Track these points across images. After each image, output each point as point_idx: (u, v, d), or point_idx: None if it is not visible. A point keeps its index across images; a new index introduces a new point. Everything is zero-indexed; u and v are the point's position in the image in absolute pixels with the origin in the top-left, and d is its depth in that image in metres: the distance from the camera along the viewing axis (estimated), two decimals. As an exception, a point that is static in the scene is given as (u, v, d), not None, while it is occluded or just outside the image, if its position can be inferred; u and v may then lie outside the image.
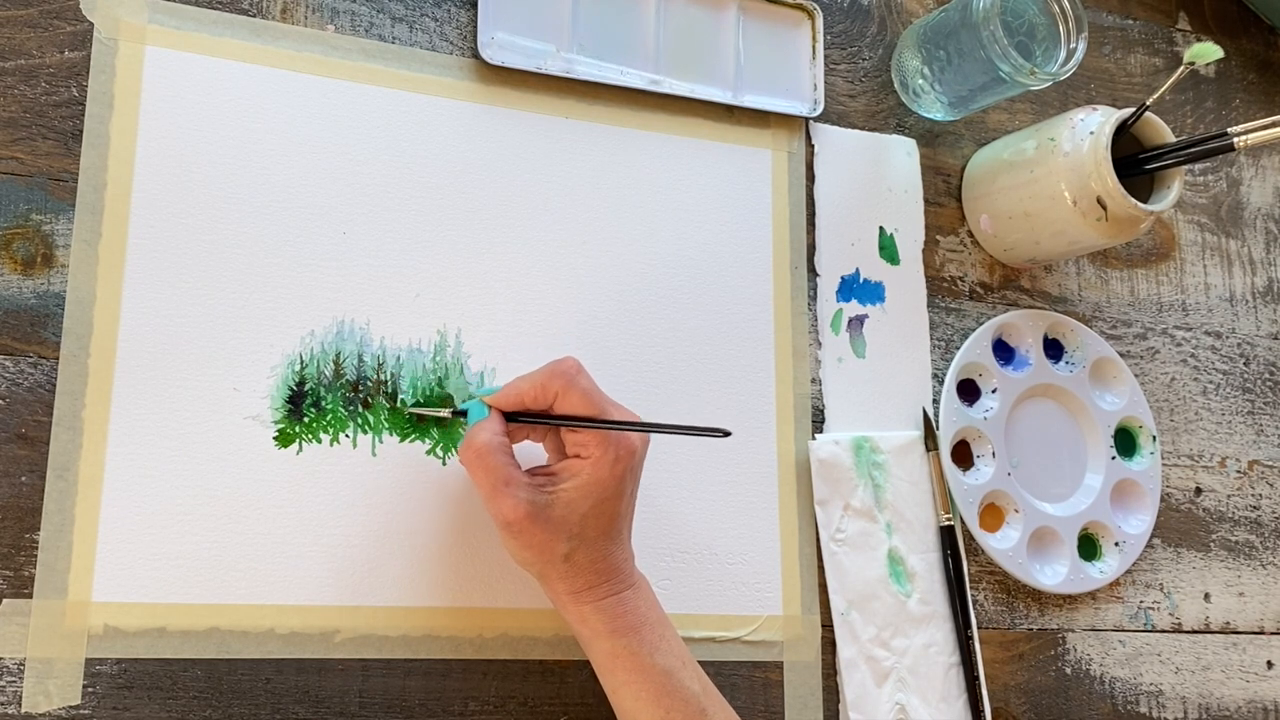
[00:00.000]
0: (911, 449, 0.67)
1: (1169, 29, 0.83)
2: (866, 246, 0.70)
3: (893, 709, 0.63)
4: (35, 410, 0.53)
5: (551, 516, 0.51)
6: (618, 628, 0.52)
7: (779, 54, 0.69)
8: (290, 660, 0.54)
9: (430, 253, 0.60)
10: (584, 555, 0.52)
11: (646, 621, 0.53)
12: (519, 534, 0.51)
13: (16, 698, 0.50)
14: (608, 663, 0.53)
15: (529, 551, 0.52)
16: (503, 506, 0.51)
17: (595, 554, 0.52)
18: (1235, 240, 0.82)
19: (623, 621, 0.52)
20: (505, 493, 0.51)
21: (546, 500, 0.51)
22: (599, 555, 0.52)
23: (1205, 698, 0.73)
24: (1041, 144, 0.67)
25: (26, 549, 0.51)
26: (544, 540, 0.51)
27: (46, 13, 0.55)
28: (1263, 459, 0.79)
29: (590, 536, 0.52)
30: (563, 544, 0.51)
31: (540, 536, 0.51)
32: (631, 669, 0.52)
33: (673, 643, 0.53)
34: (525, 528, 0.51)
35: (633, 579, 0.54)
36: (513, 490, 0.51)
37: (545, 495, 0.52)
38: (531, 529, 0.51)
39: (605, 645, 0.52)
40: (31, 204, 0.54)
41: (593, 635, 0.53)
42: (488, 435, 0.52)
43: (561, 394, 0.53)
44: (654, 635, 0.53)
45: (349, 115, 0.60)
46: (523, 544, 0.52)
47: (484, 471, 0.52)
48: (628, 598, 0.53)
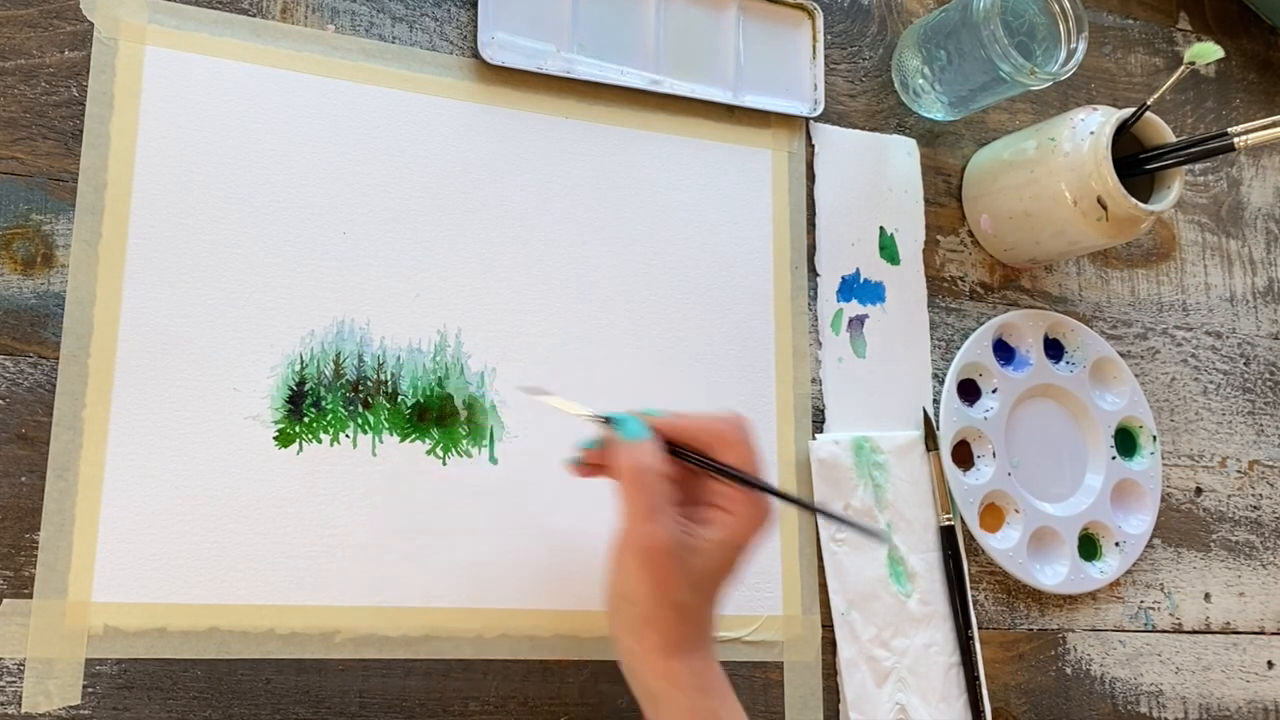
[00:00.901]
0: (912, 449, 0.67)
1: (1169, 29, 0.83)
2: (867, 246, 0.70)
3: (893, 709, 0.63)
4: (35, 410, 0.53)
5: (686, 560, 0.49)
6: (706, 688, 0.50)
7: (779, 54, 0.69)
8: (290, 660, 0.54)
9: (430, 253, 0.60)
10: (694, 609, 0.50)
11: (726, 687, 0.51)
12: (651, 565, 0.49)
13: (16, 698, 0.50)
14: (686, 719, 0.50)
15: (651, 586, 0.49)
16: (652, 532, 0.49)
17: (704, 612, 0.51)
18: (1235, 240, 0.82)
19: (712, 684, 0.50)
20: (657, 520, 0.49)
21: (690, 544, 0.50)
22: (706, 614, 0.51)
23: (1205, 698, 0.73)
24: (1042, 144, 0.67)
25: (26, 549, 0.51)
26: (670, 581, 0.49)
27: (46, 13, 0.55)
28: (1263, 459, 0.79)
29: (707, 593, 0.51)
30: (684, 591, 0.49)
31: (668, 576, 0.49)
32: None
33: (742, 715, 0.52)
34: (661, 562, 0.49)
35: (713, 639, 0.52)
36: (664, 520, 0.49)
37: (688, 538, 0.50)
38: (666, 565, 0.49)
39: (687, 703, 0.50)
40: (31, 204, 0.54)
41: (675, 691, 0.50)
42: (651, 458, 0.50)
43: (730, 444, 0.51)
44: (733, 702, 0.51)
45: (349, 115, 0.60)
46: (648, 578, 0.49)
47: (641, 492, 0.50)
48: (713, 662, 0.51)
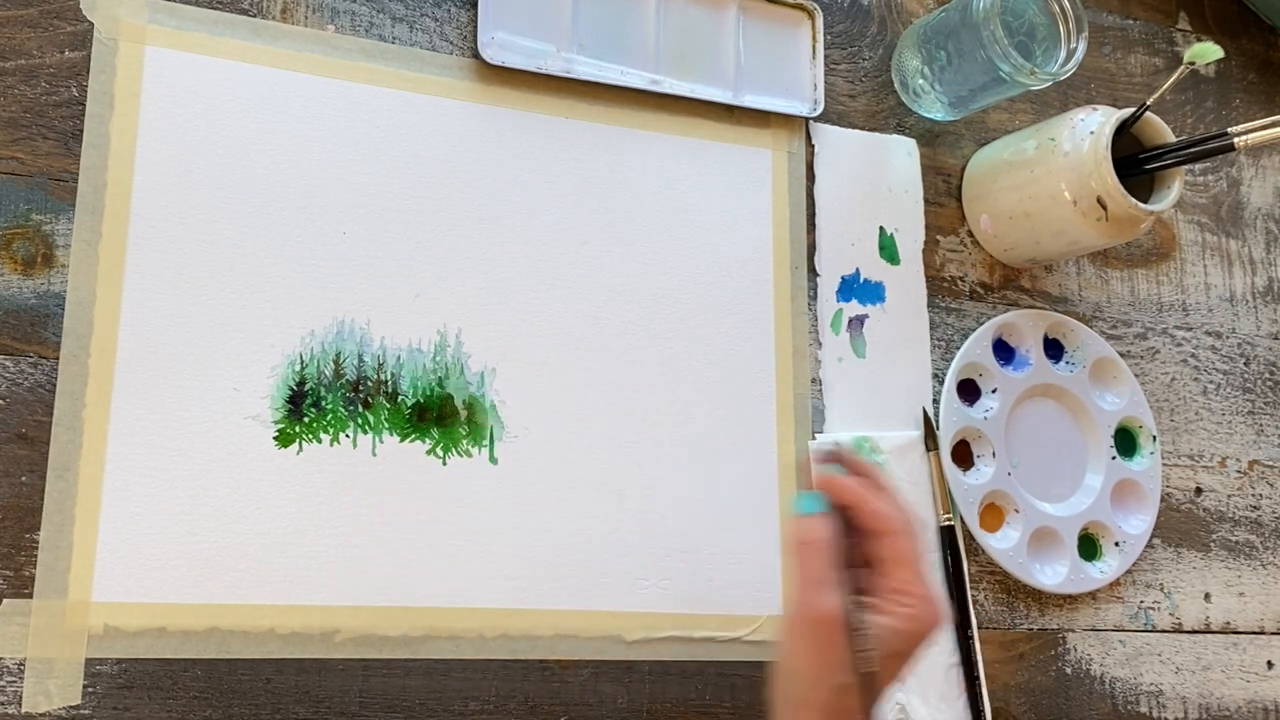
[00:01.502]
0: (911, 449, 0.67)
1: (1169, 29, 0.83)
2: (866, 246, 0.70)
3: (893, 709, 0.63)
4: (35, 410, 0.53)
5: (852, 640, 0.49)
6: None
7: (779, 54, 0.69)
8: (290, 660, 0.54)
9: (430, 253, 0.60)
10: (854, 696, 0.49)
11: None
12: (819, 635, 0.49)
13: (16, 698, 0.50)
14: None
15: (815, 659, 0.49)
16: (821, 600, 0.49)
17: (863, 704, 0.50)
18: (1235, 240, 0.82)
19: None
20: (827, 590, 0.49)
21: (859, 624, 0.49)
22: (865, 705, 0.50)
23: (1205, 698, 0.73)
24: (1042, 144, 0.67)
25: (26, 549, 0.51)
26: (834, 657, 0.49)
27: (46, 13, 0.55)
28: (1263, 459, 0.79)
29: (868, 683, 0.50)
30: (846, 672, 0.49)
31: (833, 652, 0.49)
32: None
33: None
34: (828, 633, 0.49)
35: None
36: (835, 592, 0.49)
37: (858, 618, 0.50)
38: (833, 637, 0.49)
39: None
40: (31, 204, 0.54)
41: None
42: (826, 533, 0.51)
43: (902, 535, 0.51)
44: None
45: (349, 115, 0.60)
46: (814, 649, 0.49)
47: (814, 562, 0.50)
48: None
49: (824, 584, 0.49)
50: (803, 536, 0.51)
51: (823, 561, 0.50)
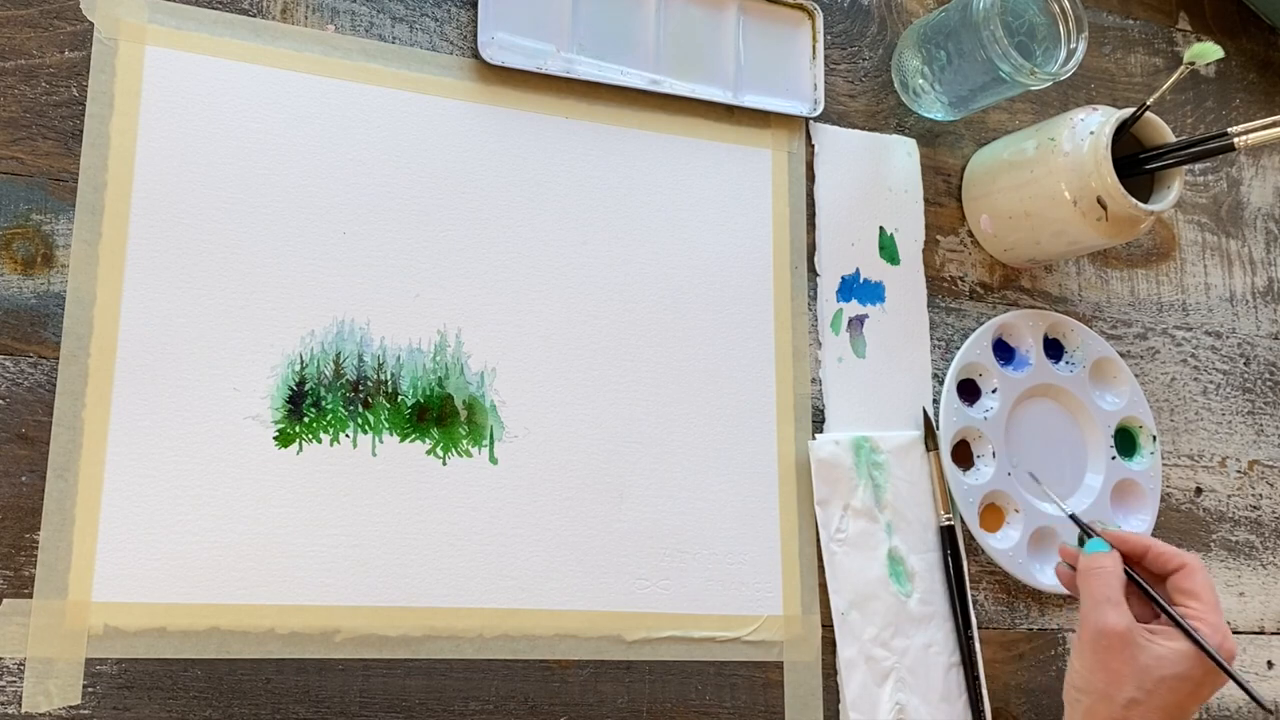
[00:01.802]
0: (911, 449, 0.67)
1: (1169, 29, 0.83)
2: (866, 246, 0.70)
3: (893, 709, 0.63)
4: (35, 410, 0.53)
5: (1139, 657, 0.52)
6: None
7: (779, 54, 0.69)
8: (290, 660, 0.54)
9: (430, 253, 0.60)
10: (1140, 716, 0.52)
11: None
12: (1106, 649, 0.52)
13: (16, 698, 0.50)
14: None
15: (1101, 673, 0.52)
16: (1108, 616, 0.53)
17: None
18: (1235, 240, 0.82)
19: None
20: (1115, 607, 0.53)
21: (1143, 639, 0.53)
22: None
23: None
24: (1042, 144, 0.67)
25: (26, 549, 0.51)
26: (1120, 671, 0.52)
27: (46, 13, 0.55)
28: (1263, 459, 0.79)
29: (1155, 706, 0.52)
30: (1132, 688, 0.52)
31: (1119, 666, 0.52)
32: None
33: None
34: (1115, 646, 0.52)
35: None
36: (1122, 609, 0.53)
37: (1144, 635, 0.53)
38: (1120, 651, 0.52)
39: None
40: (31, 204, 0.54)
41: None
42: (1113, 562, 0.56)
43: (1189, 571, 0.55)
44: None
45: (349, 115, 0.60)
46: (1101, 663, 0.52)
47: (1100, 583, 0.54)
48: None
49: (1110, 603, 0.53)
50: (1091, 565, 0.55)
51: (1110, 585, 0.54)
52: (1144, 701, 0.52)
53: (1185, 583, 0.55)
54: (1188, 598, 0.54)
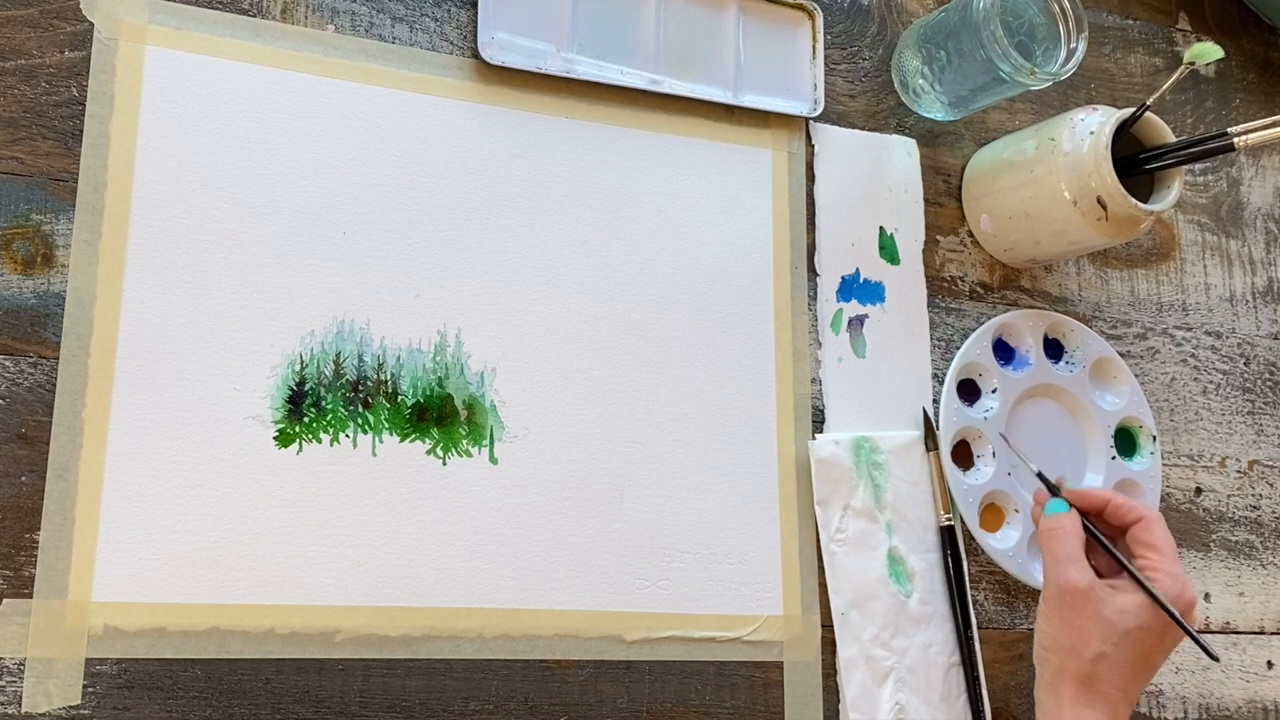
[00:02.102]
0: (911, 449, 0.68)
1: (1169, 29, 0.83)
2: (866, 246, 0.70)
3: (892, 709, 0.63)
4: (35, 410, 0.53)
5: (1102, 611, 0.54)
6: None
7: (779, 54, 0.69)
8: (290, 660, 0.54)
9: (430, 253, 0.60)
10: (1109, 671, 0.54)
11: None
12: (1070, 606, 0.54)
13: (16, 698, 0.50)
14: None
15: (1067, 630, 0.54)
16: (1068, 573, 0.54)
17: (1117, 680, 0.54)
18: (1235, 240, 0.82)
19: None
20: (1074, 564, 0.55)
21: (1104, 593, 0.54)
22: (1120, 686, 0.54)
23: (1205, 698, 0.73)
24: (1041, 144, 0.67)
25: (26, 549, 0.51)
26: (1085, 627, 0.54)
27: (46, 13, 0.55)
28: (1263, 459, 0.79)
29: (1121, 659, 0.54)
30: (1098, 642, 0.53)
31: (1084, 622, 0.54)
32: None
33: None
34: (1078, 603, 0.54)
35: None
36: (1082, 566, 0.55)
37: (1105, 589, 0.54)
38: (1084, 607, 0.54)
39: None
40: (31, 204, 0.54)
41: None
42: (1071, 522, 0.57)
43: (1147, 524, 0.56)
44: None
45: (349, 115, 0.60)
46: (1065, 619, 0.54)
47: (1060, 542, 0.56)
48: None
49: (1071, 562, 0.55)
50: (1052, 524, 0.57)
51: (1070, 544, 0.56)
52: (1111, 655, 0.53)
53: (1144, 535, 0.56)
54: (1146, 549, 0.56)
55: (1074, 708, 0.54)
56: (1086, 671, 0.54)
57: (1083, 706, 0.54)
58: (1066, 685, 0.54)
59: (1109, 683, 0.54)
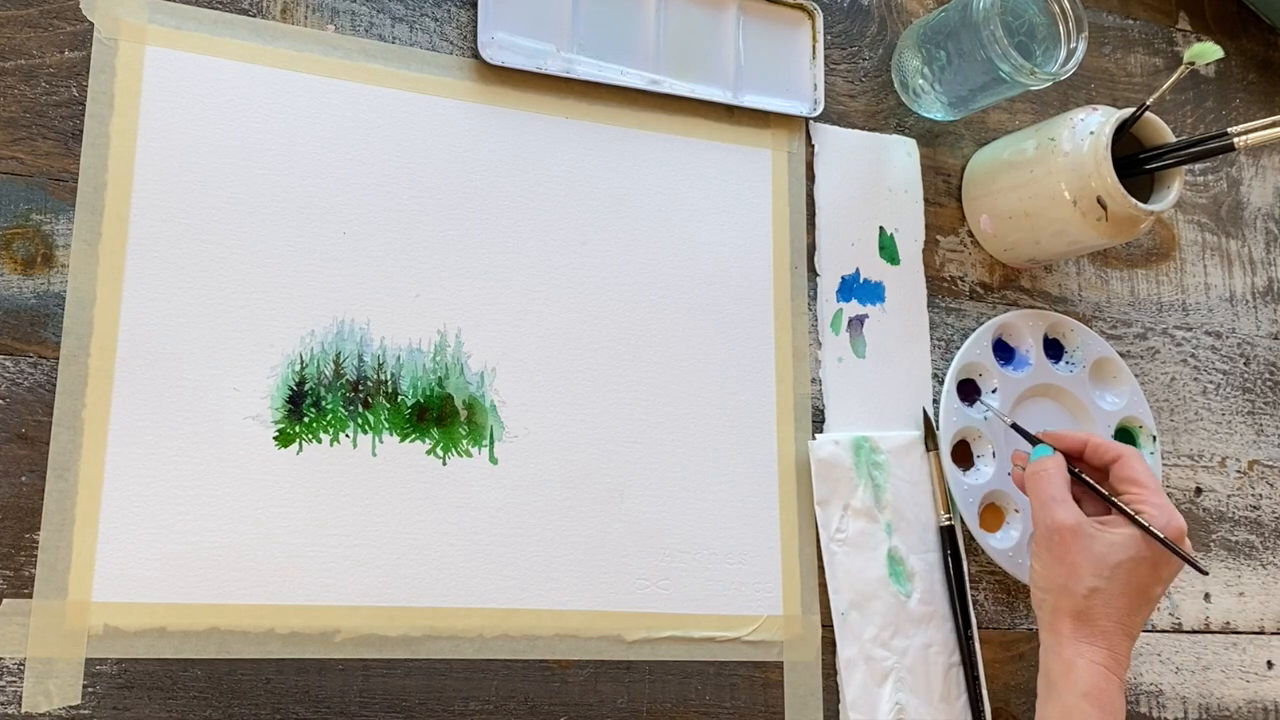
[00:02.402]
0: (911, 449, 0.68)
1: (1169, 29, 0.83)
2: (866, 246, 0.70)
3: (892, 709, 0.63)
4: (35, 410, 0.53)
5: (1092, 546, 0.54)
6: (1092, 694, 0.54)
7: (779, 54, 0.69)
8: (290, 660, 0.54)
9: (430, 253, 0.60)
10: (1103, 603, 0.54)
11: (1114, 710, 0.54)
12: (1060, 544, 0.54)
13: (16, 698, 0.50)
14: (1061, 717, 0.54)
15: (1060, 568, 0.54)
16: (1055, 513, 0.55)
17: (1111, 612, 0.54)
18: (1235, 240, 0.82)
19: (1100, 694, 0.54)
20: (1061, 504, 0.55)
21: (1092, 529, 0.55)
22: (1115, 619, 0.54)
23: (1205, 698, 0.73)
24: (1041, 144, 0.67)
25: (26, 549, 0.51)
26: (1077, 563, 0.54)
27: (46, 13, 0.55)
28: (1263, 459, 0.79)
29: (1114, 591, 0.54)
30: (1091, 577, 0.54)
31: (1075, 557, 0.54)
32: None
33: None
34: (1068, 540, 0.54)
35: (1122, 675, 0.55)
36: (1069, 505, 0.55)
37: (1093, 525, 0.55)
38: (1073, 544, 0.54)
39: (1070, 702, 0.54)
40: (31, 204, 0.54)
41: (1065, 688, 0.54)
42: (1055, 464, 0.58)
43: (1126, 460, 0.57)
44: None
45: (349, 115, 0.60)
46: (1057, 558, 0.54)
47: (1046, 484, 0.56)
48: (1114, 681, 0.54)
49: (1057, 501, 0.56)
50: (1036, 468, 0.58)
51: (1054, 484, 0.56)
52: (1104, 588, 0.54)
53: (1125, 471, 0.57)
54: (1130, 484, 0.57)
55: (1073, 643, 0.54)
56: (1081, 607, 0.54)
57: (1081, 642, 0.54)
58: (1064, 622, 0.55)
59: (1104, 615, 0.54)
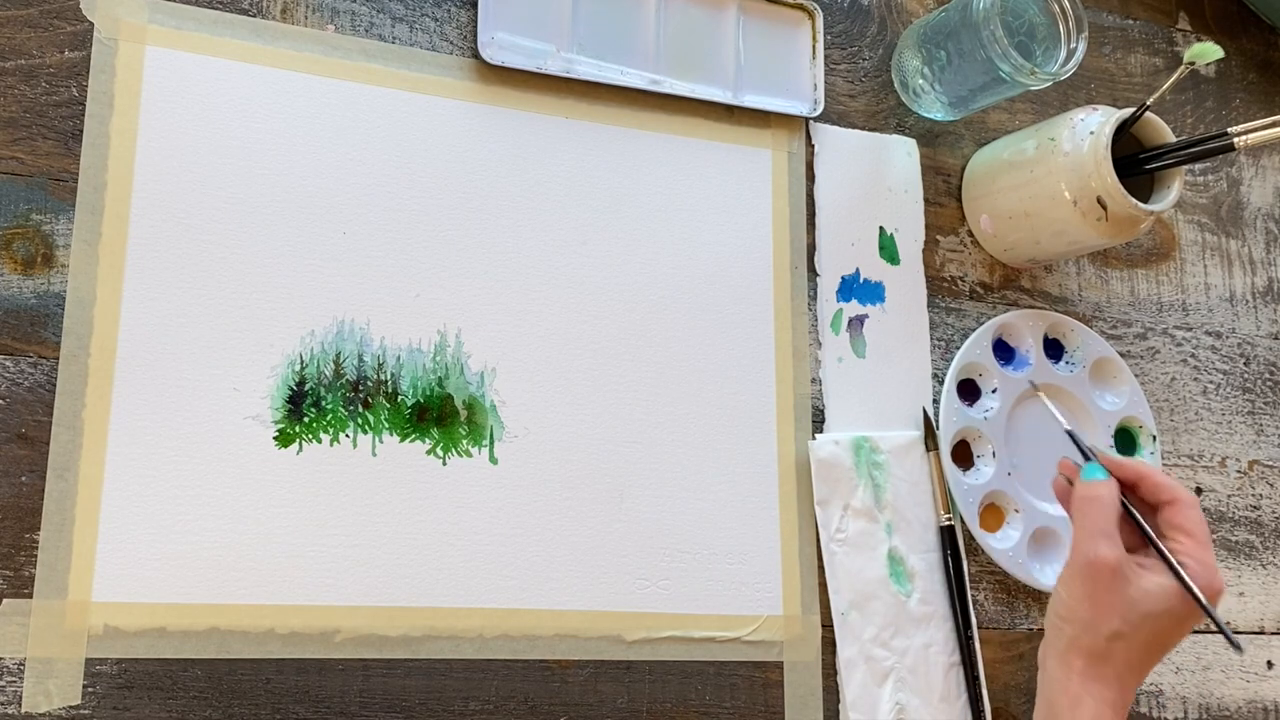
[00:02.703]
0: (911, 449, 0.67)
1: (1169, 29, 0.83)
2: (866, 246, 0.70)
3: (892, 709, 0.63)
4: (35, 410, 0.53)
5: (1126, 590, 0.52)
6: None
7: (779, 54, 0.69)
8: (290, 660, 0.54)
9: (430, 253, 0.60)
10: (1124, 649, 0.52)
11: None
12: (1095, 580, 0.52)
13: (16, 698, 0.50)
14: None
15: (1088, 604, 0.52)
16: (1100, 547, 0.52)
17: (1131, 659, 0.53)
18: (1235, 240, 0.82)
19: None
20: (1107, 539, 0.52)
21: (1133, 573, 0.52)
22: (1132, 664, 0.53)
23: (1205, 698, 0.73)
24: (1041, 144, 0.67)
25: (26, 549, 0.51)
26: (1108, 604, 0.52)
27: (46, 13, 0.55)
28: (1263, 459, 0.79)
29: (1139, 640, 0.52)
30: (1116, 621, 0.52)
31: (1108, 598, 0.52)
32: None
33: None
34: (1105, 579, 0.52)
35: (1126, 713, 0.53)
36: (1115, 542, 0.52)
37: (1133, 569, 0.53)
38: (1109, 584, 0.52)
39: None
40: (31, 204, 0.54)
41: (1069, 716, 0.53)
42: (1109, 492, 0.54)
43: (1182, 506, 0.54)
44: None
45: (349, 115, 0.60)
46: (1089, 594, 0.52)
47: (1097, 514, 0.53)
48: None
49: (1104, 535, 0.53)
50: (1087, 493, 0.54)
51: (1105, 516, 0.53)
52: (1128, 635, 0.52)
53: (1177, 518, 0.54)
54: (1179, 533, 0.54)
55: (1084, 683, 0.53)
56: (1101, 649, 0.52)
57: (1092, 682, 0.53)
58: (1078, 658, 0.53)
59: (1122, 661, 0.53)
